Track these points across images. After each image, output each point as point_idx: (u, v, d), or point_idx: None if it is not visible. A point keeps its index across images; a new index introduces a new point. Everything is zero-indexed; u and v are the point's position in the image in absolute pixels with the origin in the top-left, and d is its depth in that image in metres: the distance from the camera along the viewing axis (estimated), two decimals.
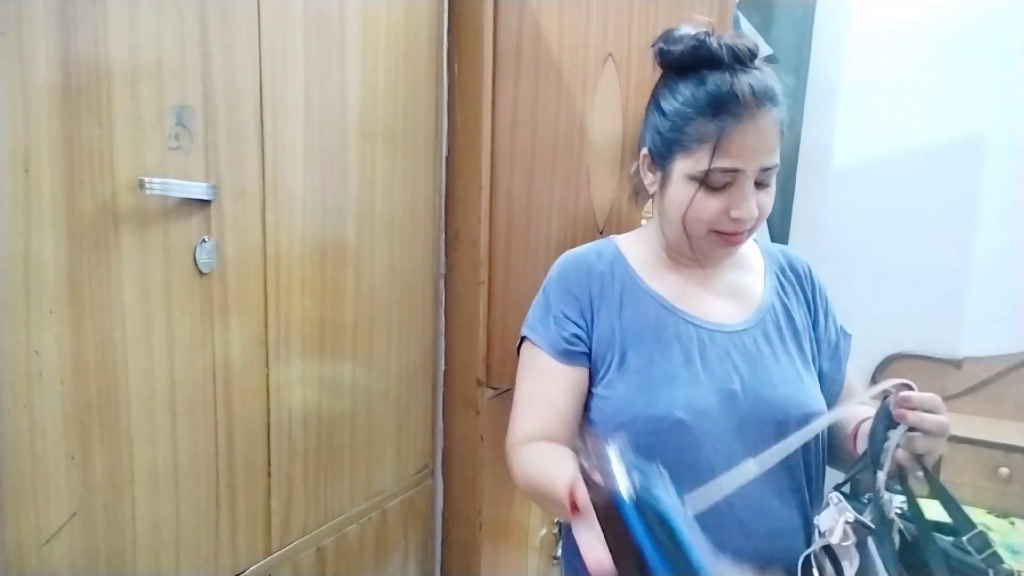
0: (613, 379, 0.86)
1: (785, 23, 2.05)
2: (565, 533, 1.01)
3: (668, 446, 0.82)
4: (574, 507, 0.72)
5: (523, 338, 0.95)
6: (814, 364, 0.92)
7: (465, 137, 1.39)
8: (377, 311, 1.26)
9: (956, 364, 1.94)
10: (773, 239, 2.08)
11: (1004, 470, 1.70)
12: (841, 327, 0.98)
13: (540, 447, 0.87)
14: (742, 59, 0.79)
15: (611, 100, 1.28)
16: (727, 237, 0.83)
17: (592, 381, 0.89)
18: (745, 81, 0.77)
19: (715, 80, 0.79)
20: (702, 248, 0.86)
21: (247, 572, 1.05)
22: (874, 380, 1.99)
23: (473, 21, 1.35)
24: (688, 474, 0.83)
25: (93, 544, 0.82)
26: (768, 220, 2.08)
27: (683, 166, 0.81)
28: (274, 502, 1.08)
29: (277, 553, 1.10)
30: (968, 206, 1.94)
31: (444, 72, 1.37)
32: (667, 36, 0.84)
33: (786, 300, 0.93)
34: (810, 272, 0.98)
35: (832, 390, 0.93)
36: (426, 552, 1.50)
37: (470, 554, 1.51)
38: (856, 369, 0.99)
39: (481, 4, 1.33)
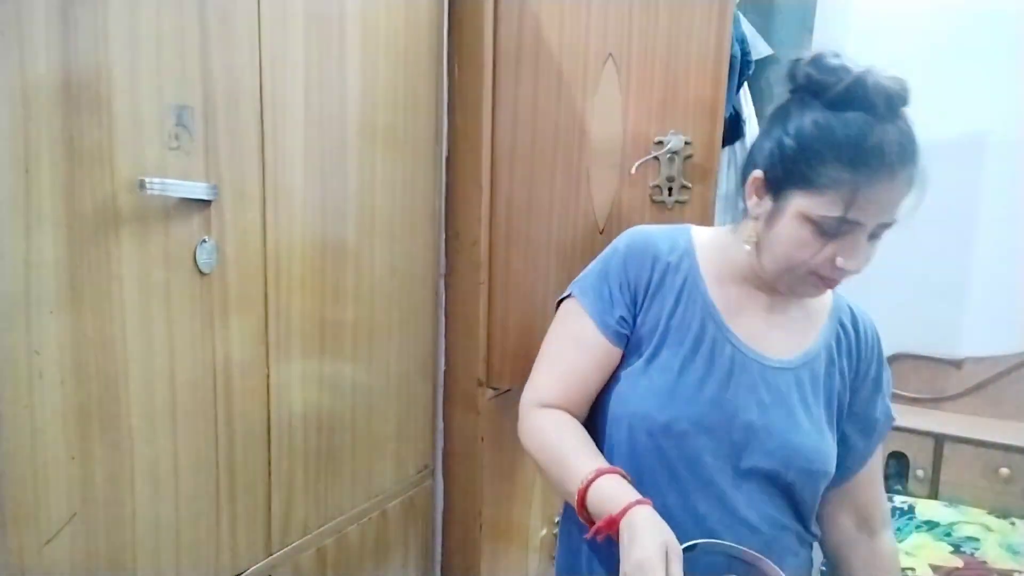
0: (639, 372, 0.86)
1: (785, 23, 2.05)
2: (563, 526, 1.01)
3: (670, 451, 0.83)
4: (587, 521, 0.77)
5: (567, 296, 0.92)
6: (837, 428, 0.89)
7: (465, 137, 1.39)
8: (377, 311, 1.26)
9: (956, 364, 1.94)
10: None
11: (1004, 470, 1.70)
12: (889, 410, 0.93)
13: (562, 420, 0.87)
14: (895, 108, 0.74)
15: (611, 100, 1.28)
16: (825, 281, 0.80)
17: (621, 362, 0.89)
18: (893, 136, 0.72)
19: (862, 126, 0.72)
20: (793, 286, 0.83)
21: (247, 572, 1.05)
22: None
23: (473, 21, 1.35)
24: (684, 479, 0.83)
25: (93, 544, 0.82)
26: None
27: (802, 204, 0.76)
28: (274, 502, 1.08)
29: (277, 553, 1.10)
30: (968, 206, 1.93)
31: (444, 72, 1.37)
32: (820, 63, 0.76)
33: (835, 355, 0.89)
34: (873, 339, 0.92)
35: (850, 461, 0.91)
36: (426, 552, 1.50)
37: (470, 554, 1.51)
38: (881, 461, 0.96)
39: (481, 4, 1.33)
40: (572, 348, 0.89)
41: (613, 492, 0.76)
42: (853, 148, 0.73)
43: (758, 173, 0.82)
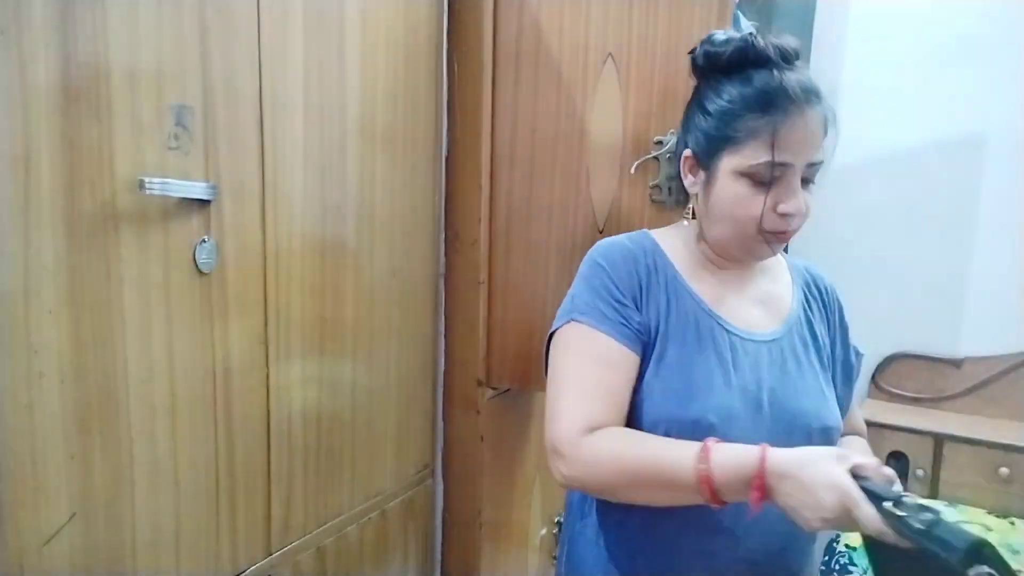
0: (650, 375, 0.85)
1: (785, 23, 2.05)
2: (566, 531, 1.00)
3: None
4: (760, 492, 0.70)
5: (562, 325, 0.88)
6: (831, 381, 0.93)
7: (465, 137, 1.39)
8: (377, 311, 1.26)
9: (956, 364, 1.94)
10: None
11: (1004, 470, 1.70)
12: (854, 347, 0.99)
13: (624, 433, 0.81)
14: (788, 58, 0.81)
15: (611, 100, 1.28)
16: (775, 236, 0.83)
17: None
18: (793, 78, 0.79)
19: (763, 78, 0.80)
20: (747, 247, 0.85)
21: (247, 572, 1.05)
22: (874, 380, 1.99)
23: (473, 21, 1.35)
24: None
25: (93, 544, 0.82)
26: None
27: (731, 163, 0.82)
28: (274, 502, 1.08)
29: (277, 553, 1.10)
30: (968, 206, 1.93)
31: (444, 72, 1.37)
32: (711, 40, 0.85)
33: (811, 315, 0.93)
34: (832, 290, 0.99)
35: (841, 408, 0.94)
36: (426, 552, 1.50)
37: (470, 554, 1.51)
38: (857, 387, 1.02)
39: (481, 4, 1.33)
40: (599, 368, 0.83)
41: (733, 454, 0.71)
42: (760, 95, 0.80)
43: (687, 153, 0.88)
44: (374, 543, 1.33)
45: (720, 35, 0.85)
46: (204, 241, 0.91)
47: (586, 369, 0.84)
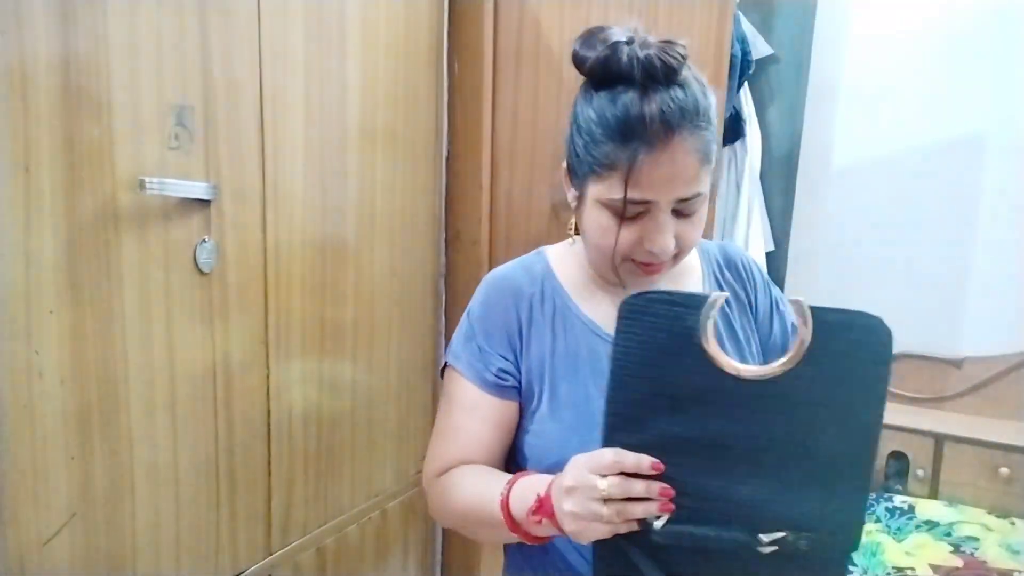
0: (544, 415, 0.79)
1: (785, 23, 2.05)
2: (509, 558, 0.92)
3: None
4: (510, 521, 0.68)
5: (445, 364, 0.86)
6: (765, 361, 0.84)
7: (465, 137, 1.39)
8: (377, 311, 1.26)
9: (956, 364, 1.94)
10: (775, 240, 2.08)
11: (1004, 470, 1.70)
12: (792, 324, 0.88)
13: (465, 470, 0.79)
14: (656, 77, 0.69)
15: None
16: (644, 267, 0.76)
17: (522, 414, 0.82)
18: (657, 104, 0.68)
19: (624, 101, 0.69)
20: (619, 275, 0.78)
21: (247, 572, 1.05)
22: None
23: (473, 21, 1.34)
24: None
25: (93, 544, 0.82)
26: (769, 220, 2.08)
27: (595, 190, 0.74)
28: (274, 502, 1.08)
29: (277, 553, 1.10)
30: (968, 206, 1.93)
31: (444, 72, 1.37)
32: (584, 38, 0.74)
33: (726, 307, 0.85)
34: (748, 265, 0.89)
35: None
36: (426, 552, 1.50)
37: (470, 554, 1.51)
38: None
39: (481, 4, 1.33)
40: (461, 415, 0.81)
41: (530, 482, 0.70)
42: (618, 125, 0.70)
43: (564, 165, 0.81)
44: (374, 543, 1.33)
45: (598, 33, 0.74)
46: (204, 241, 0.91)
47: (452, 414, 0.83)
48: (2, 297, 0.71)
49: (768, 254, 2.10)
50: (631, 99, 0.69)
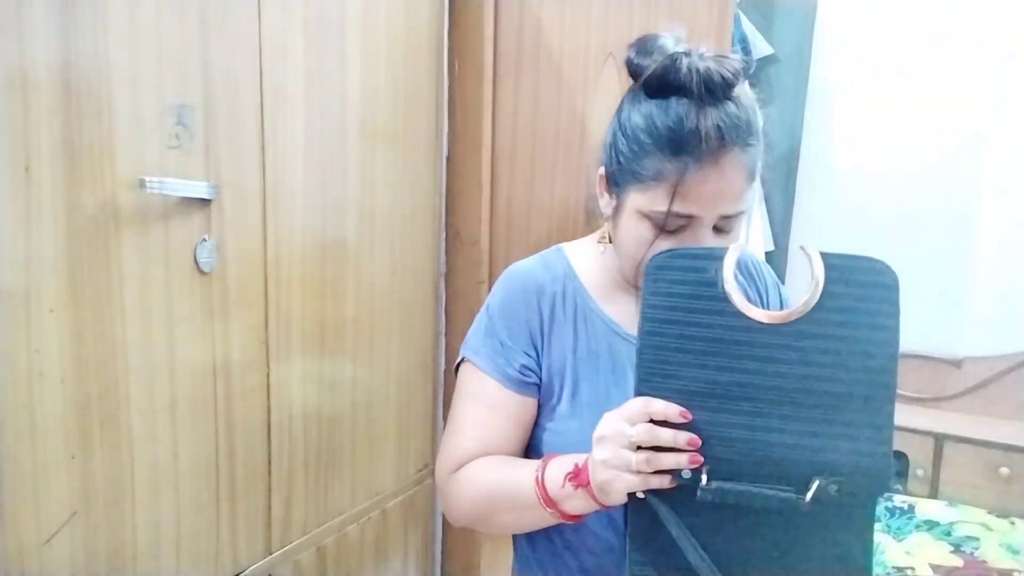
0: (565, 413, 0.80)
1: (785, 23, 2.05)
2: (517, 551, 0.93)
3: None
4: (548, 500, 0.70)
5: (462, 359, 0.86)
6: None
7: (465, 137, 1.39)
8: (377, 310, 1.26)
9: (956, 364, 1.94)
10: (775, 239, 2.08)
11: (1004, 470, 1.70)
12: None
13: (486, 460, 0.79)
14: (714, 91, 0.68)
15: (612, 99, 1.27)
16: None
17: (541, 411, 0.82)
18: (713, 119, 0.68)
19: (680, 112, 0.69)
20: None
21: (247, 571, 1.05)
22: None
23: (473, 21, 1.34)
24: None
25: (93, 544, 0.82)
26: (769, 221, 2.08)
27: (636, 200, 0.73)
28: (274, 501, 1.08)
29: (277, 552, 1.10)
30: (968, 207, 1.93)
31: (444, 72, 1.37)
32: (640, 45, 0.74)
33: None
34: (760, 269, 0.90)
35: None
36: (426, 552, 1.50)
37: (470, 554, 1.51)
38: None
39: (481, 4, 1.33)
40: (478, 409, 0.81)
41: (567, 458, 0.71)
42: (670, 136, 0.69)
43: (601, 171, 0.80)
44: (374, 543, 1.33)
45: (653, 41, 0.73)
46: (205, 240, 0.91)
47: (469, 409, 0.82)
48: (2, 296, 0.71)
49: (768, 254, 2.10)
50: (686, 111, 0.69)
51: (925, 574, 1.46)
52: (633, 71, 0.75)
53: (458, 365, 0.86)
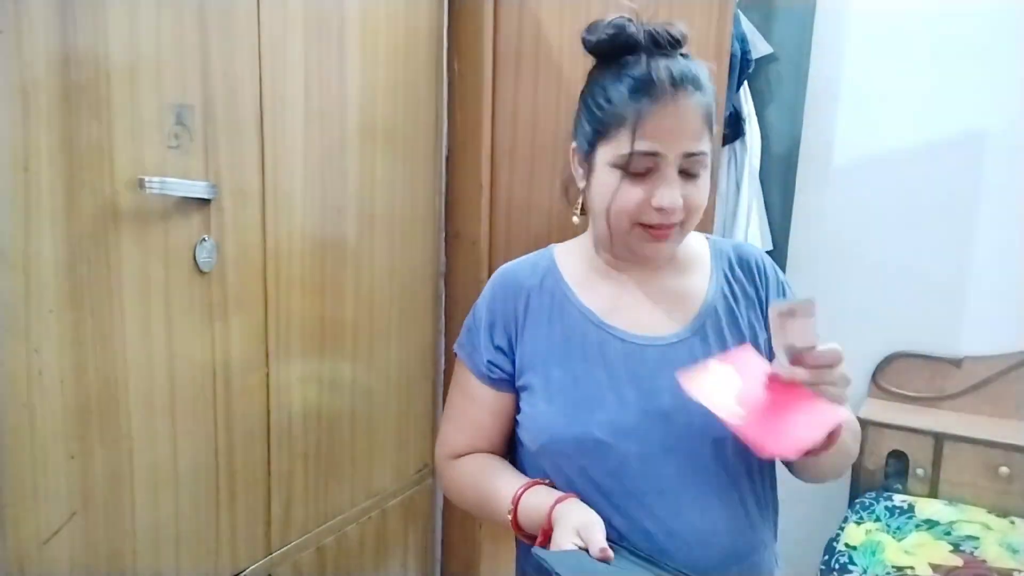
0: (538, 399, 0.83)
1: (785, 23, 2.05)
2: (521, 548, 0.95)
3: (595, 468, 0.79)
4: (520, 533, 0.79)
5: (455, 351, 0.94)
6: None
7: (465, 137, 1.39)
8: (377, 310, 1.26)
9: (956, 364, 1.94)
10: (774, 239, 2.08)
11: (1004, 469, 1.70)
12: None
13: (471, 463, 0.89)
14: (661, 44, 0.77)
15: None
16: (652, 231, 0.79)
17: (519, 397, 0.87)
18: (663, 64, 0.75)
19: (632, 63, 0.77)
20: (628, 245, 0.82)
21: (247, 571, 1.05)
22: (874, 379, 1.99)
23: (473, 21, 1.34)
24: (619, 495, 0.79)
25: (93, 544, 0.82)
26: (769, 219, 2.08)
27: (604, 154, 0.79)
28: (274, 501, 1.08)
29: (277, 552, 1.10)
30: (968, 206, 1.93)
31: (444, 72, 1.37)
32: (590, 26, 0.81)
33: (732, 302, 0.86)
34: (762, 266, 0.90)
35: None
36: (426, 552, 1.50)
37: (470, 554, 1.51)
38: None
39: (481, 4, 1.33)
40: (464, 401, 0.90)
41: (538, 501, 0.78)
42: (627, 82, 0.76)
43: (573, 145, 0.86)
44: (374, 543, 1.33)
45: (595, 24, 0.81)
46: (204, 240, 0.91)
47: (457, 400, 0.92)
48: (2, 297, 0.71)
49: (767, 253, 2.10)
50: (637, 62, 0.77)
51: (925, 574, 1.46)
52: (589, 48, 0.82)
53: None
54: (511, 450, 0.92)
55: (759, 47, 2.00)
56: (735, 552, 0.80)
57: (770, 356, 0.84)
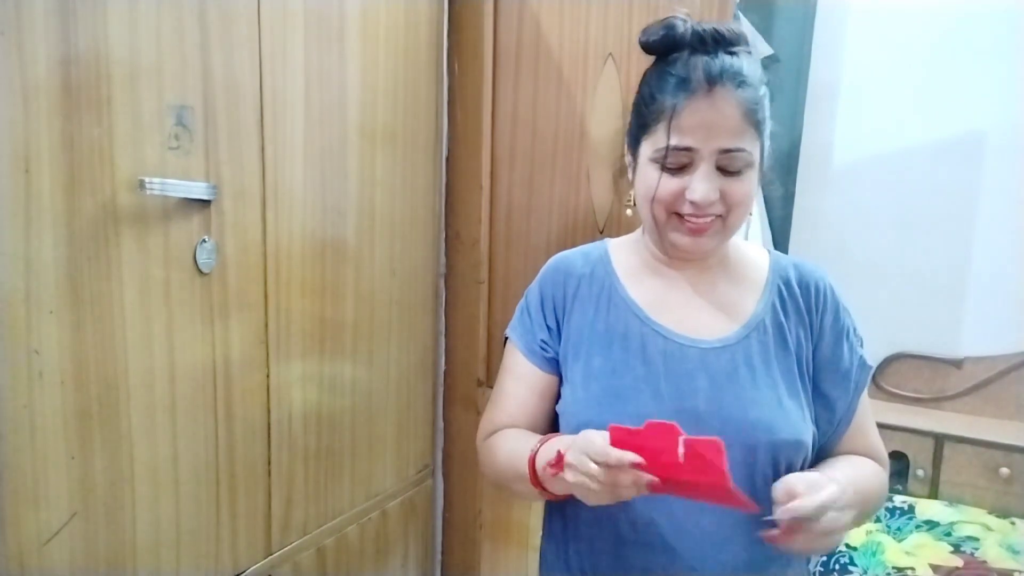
0: (577, 383, 0.85)
1: (785, 23, 2.05)
2: (546, 523, 0.97)
3: None
4: (558, 464, 0.74)
5: (506, 337, 0.96)
6: (814, 389, 0.86)
7: (465, 137, 1.39)
8: (377, 311, 1.26)
9: (956, 364, 1.93)
10: (774, 239, 2.08)
11: (1004, 470, 1.70)
12: (861, 357, 0.89)
13: (504, 433, 0.89)
14: (706, 41, 0.78)
15: (611, 99, 1.27)
16: (688, 225, 0.79)
17: (561, 382, 0.89)
18: (702, 61, 0.76)
19: (676, 60, 0.78)
20: (667, 235, 0.82)
21: (247, 572, 1.05)
22: (874, 380, 1.99)
23: (473, 21, 1.34)
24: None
25: (93, 544, 0.82)
26: (769, 220, 2.08)
27: (646, 148, 0.81)
28: (274, 502, 1.08)
29: (277, 553, 1.10)
30: (968, 206, 1.93)
31: (444, 72, 1.37)
32: (647, 28, 0.83)
33: (782, 319, 0.86)
34: (823, 290, 0.89)
35: (835, 419, 0.87)
36: (426, 552, 1.50)
37: (470, 554, 1.51)
38: (870, 410, 0.91)
39: (481, 4, 1.33)
40: (509, 380, 0.92)
41: (555, 442, 0.77)
42: (667, 79, 0.78)
43: (626, 140, 0.88)
44: (374, 543, 1.33)
45: (654, 24, 0.82)
46: (204, 241, 0.91)
47: (505, 382, 0.93)
48: (2, 297, 0.71)
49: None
50: (680, 58, 0.78)
51: (925, 574, 1.46)
52: (643, 47, 0.83)
53: (506, 343, 0.96)
54: None
55: (759, 48, 2.00)
56: (751, 562, 0.80)
57: (819, 381, 0.87)
